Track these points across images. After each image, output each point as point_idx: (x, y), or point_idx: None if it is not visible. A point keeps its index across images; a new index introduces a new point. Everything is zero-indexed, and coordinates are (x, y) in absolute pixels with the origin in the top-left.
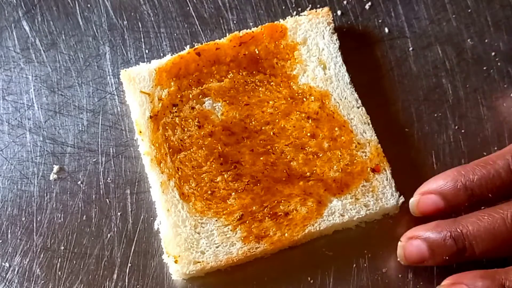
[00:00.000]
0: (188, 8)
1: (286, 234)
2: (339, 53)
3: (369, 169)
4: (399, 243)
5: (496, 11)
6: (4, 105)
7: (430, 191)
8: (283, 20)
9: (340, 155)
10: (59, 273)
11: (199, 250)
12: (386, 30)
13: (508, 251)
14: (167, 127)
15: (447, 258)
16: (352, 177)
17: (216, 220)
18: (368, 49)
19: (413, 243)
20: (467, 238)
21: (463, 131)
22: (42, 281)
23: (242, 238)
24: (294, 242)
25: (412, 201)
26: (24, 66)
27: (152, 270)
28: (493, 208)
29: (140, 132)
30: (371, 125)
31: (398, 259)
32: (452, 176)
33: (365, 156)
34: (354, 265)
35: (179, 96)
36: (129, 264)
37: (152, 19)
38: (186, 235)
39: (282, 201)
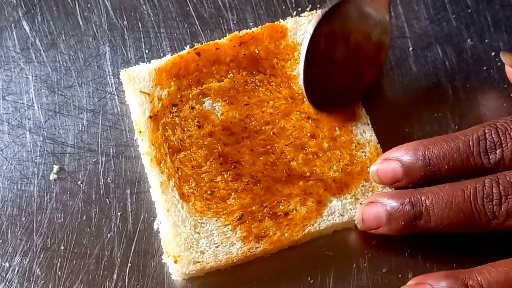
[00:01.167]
0: (188, 8)
1: (286, 234)
2: None
3: (368, 169)
4: (359, 205)
5: (496, 11)
6: (4, 105)
7: (391, 158)
8: (283, 20)
9: (340, 155)
10: (59, 273)
11: (199, 250)
12: None
13: (462, 226)
14: (167, 127)
15: (402, 223)
16: (352, 177)
17: (216, 220)
18: None
19: (372, 207)
20: (425, 204)
21: None
22: (42, 281)
23: (242, 238)
24: (294, 242)
25: (373, 167)
26: (24, 66)
27: (152, 270)
28: (456, 182)
29: (140, 132)
30: (371, 125)
31: (355, 223)
32: (414, 146)
33: (365, 156)
34: (354, 265)
35: (179, 96)
36: (129, 264)
37: (152, 19)
38: (186, 235)
39: (282, 201)
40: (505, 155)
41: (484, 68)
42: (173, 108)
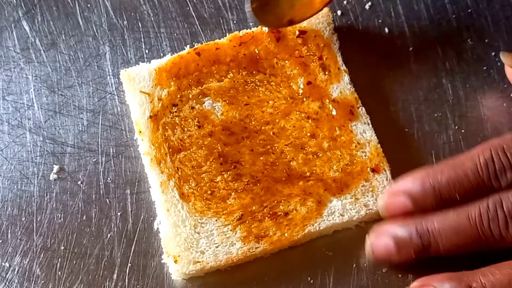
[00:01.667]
0: (188, 8)
1: (286, 234)
2: (340, 53)
3: (368, 169)
4: (367, 238)
5: (496, 11)
6: (4, 105)
7: (399, 191)
8: None
9: (340, 155)
10: (59, 273)
11: (198, 250)
12: (386, 30)
13: (471, 248)
14: (166, 127)
15: (412, 254)
16: (352, 177)
17: (216, 220)
18: (368, 49)
19: (381, 239)
20: (432, 234)
21: (463, 131)
22: (42, 281)
23: (242, 238)
24: (294, 242)
25: (380, 202)
26: (24, 66)
27: (152, 270)
28: (460, 206)
29: (140, 132)
30: (371, 125)
31: (366, 255)
32: (420, 177)
33: (365, 156)
34: (354, 265)
35: (179, 96)
36: (129, 264)
37: (152, 19)
38: (185, 235)
39: (282, 201)
40: None
41: (484, 68)
42: (173, 108)
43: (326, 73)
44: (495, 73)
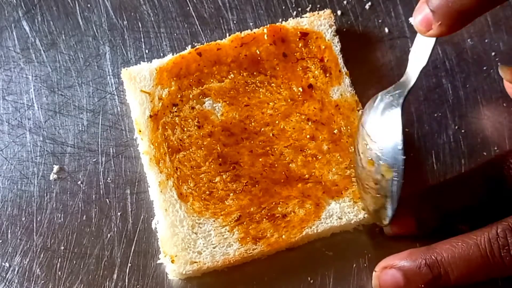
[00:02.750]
0: (188, 8)
1: (283, 236)
2: (341, 55)
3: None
4: (374, 273)
5: (496, 11)
6: (4, 105)
7: (403, 212)
8: (283, 20)
9: (340, 158)
10: (59, 273)
11: (196, 250)
12: (386, 30)
13: (482, 277)
14: (166, 127)
15: (422, 286)
16: (351, 180)
17: (214, 221)
18: (368, 49)
19: (388, 272)
20: (442, 265)
21: (463, 131)
22: (42, 281)
23: (239, 239)
24: (292, 244)
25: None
26: (24, 66)
27: (152, 270)
28: (467, 235)
29: (140, 131)
30: None
31: None
32: (425, 195)
33: None
34: (354, 265)
35: (179, 95)
36: (129, 264)
37: (152, 19)
38: (183, 235)
39: (280, 202)
40: None
41: (484, 68)
42: (173, 107)
43: (327, 75)
44: (495, 73)
